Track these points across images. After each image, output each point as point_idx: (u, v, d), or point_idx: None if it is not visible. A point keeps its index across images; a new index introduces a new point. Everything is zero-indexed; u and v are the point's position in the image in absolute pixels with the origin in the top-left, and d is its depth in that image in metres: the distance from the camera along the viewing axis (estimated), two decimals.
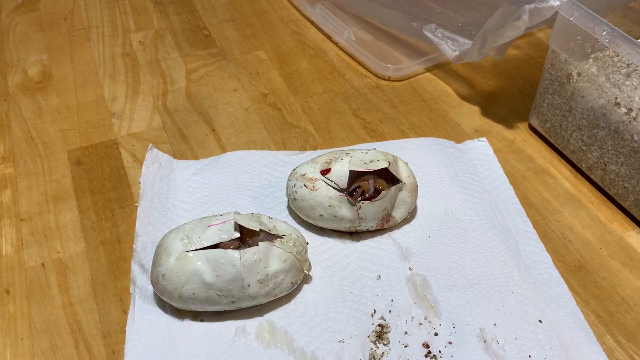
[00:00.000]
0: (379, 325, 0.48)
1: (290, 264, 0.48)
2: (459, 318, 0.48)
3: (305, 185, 0.53)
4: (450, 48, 0.72)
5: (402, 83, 0.74)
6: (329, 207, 0.52)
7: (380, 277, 0.51)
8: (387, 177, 0.53)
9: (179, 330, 0.47)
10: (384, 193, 0.52)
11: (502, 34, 0.63)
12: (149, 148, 0.62)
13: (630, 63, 0.55)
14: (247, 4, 0.88)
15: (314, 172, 0.54)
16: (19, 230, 0.55)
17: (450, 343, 0.47)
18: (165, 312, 0.48)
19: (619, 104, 0.56)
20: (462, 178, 0.60)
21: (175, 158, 0.63)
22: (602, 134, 0.58)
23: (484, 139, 0.65)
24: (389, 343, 0.47)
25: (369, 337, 0.47)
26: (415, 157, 0.62)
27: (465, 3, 0.79)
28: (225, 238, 0.47)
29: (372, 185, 0.52)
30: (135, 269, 0.51)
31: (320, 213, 0.53)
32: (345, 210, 0.52)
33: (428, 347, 0.46)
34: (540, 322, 0.48)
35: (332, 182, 0.53)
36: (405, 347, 0.46)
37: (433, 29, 0.73)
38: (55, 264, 0.53)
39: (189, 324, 0.47)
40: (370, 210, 0.52)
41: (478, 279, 0.51)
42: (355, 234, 0.55)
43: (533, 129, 0.68)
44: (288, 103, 0.71)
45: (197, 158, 0.63)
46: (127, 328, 0.47)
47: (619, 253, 0.55)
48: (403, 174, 0.54)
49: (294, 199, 0.54)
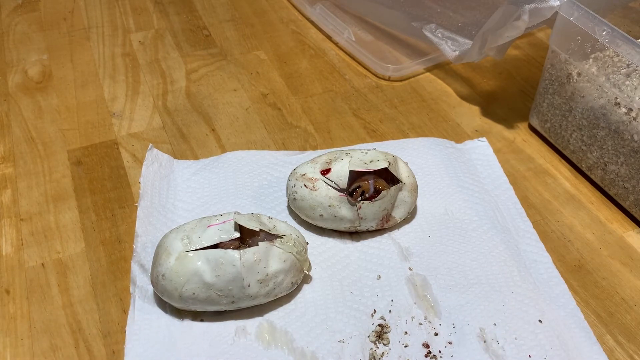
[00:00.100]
0: (379, 325, 0.48)
1: (290, 264, 0.48)
2: (459, 318, 0.48)
3: (305, 185, 0.53)
4: (450, 48, 0.72)
5: (402, 83, 0.74)
6: (329, 207, 0.52)
7: (380, 277, 0.51)
8: (387, 177, 0.53)
9: (179, 330, 0.47)
10: (384, 193, 0.52)
11: (502, 34, 0.63)
12: (149, 148, 0.62)
13: (630, 63, 0.55)
14: (247, 4, 0.88)
15: (314, 172, 0.54)
16: (19, 230, 0.55)
17: (450, 343, 0.47)
18: (165, 312, 0.48)
19: (619, 104, 0.56)
20: (462, 178, 0.60)
21: (175, 158, 0.63)
22: (602, 134, 0.58)
23: (484, 139, 0.65)
24: (389, 343, 0.47)
25: (369, 337, 0.47)
26: (415, 157, 0.62)
27: (465, 3, 0.79)
28: (225, 238, 0.47)
29: (372, 185, 0.52)
30: (135, 269, 0.51)
31: (320, 213, 0.53)
32: (345, 210, 0.52)
33: (428, 347, 0.46)
34: (540, 322, 0.48)
35: (332, 182, 0.53)
36: (405, 347, 0.46)
37: (433, 29, 0.73)
38: (55, 264, 0.53)
39: (189, 324, 0.47)
40: (370, 210, 0.52)
41: (478, 279, 0.51)
42: (355, 234, 0.55)
43: (533, 129, 0.68)
44: (288, 103, 0.71)
45: (197, 158, 0.63)
46: (127, 328, 0.47)
47: (619, 253, 0.55)
48: (403, 174, 0.54)
49: (294, 199, 0.54)
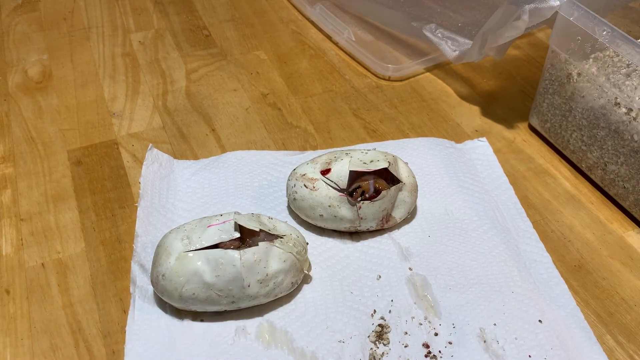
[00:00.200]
0: (379, 325, 0.48)
1: (290, 264, 0.48)
2: (459, 318, 0.48)
3: (305, 185, 0.53)
4: (450, 48, 0.72)
5: (402, 83, 0.74)
6: (329, 207, 0.52)
7: (380, 277, 0.51)
8: (387, 177, 0.53)
9: (179, 330, 0.47)
10: (384, 193, 0.52)
11: (502, 34, 0.63)
12: (149, 148, 0.62)
13: (630, 63, 0.55)
14: (247, 4, 0.88)
15: (314, 172, 0.54)
16: (19, 230, 0.55)
17: (450, 343, 0.47)
18: (165, 312, 0.48)
19: (619, 104, 0.56)
20: (462, 178, 0.60)
21: (175, 158, 0.63)
22: (602, 134, 0.58)
23: (484, 139, 0.65)
24: (389, 343, 0.47)
25: (369, 337, 0.47)
26: (415, 157, 0.62)
27: (465, 3, 0.79)
28: (225, 238, 0.47)
29: (372, 185, 0.52)
30: (135, 269, 0.51)
31: (320, 213, 0.53)
32: (345, 210, 0.52)
33: (428, 347, 0.46)
34: (540, 322, 0.48)
35: (332, 182, 0.53)
36: (405, 347, 0.46)
37: (433, 29, 0.73)
38: (55, 264, 0.53)
39: (189, 324, 0.47)
40: (370, 210, 0.52)
41: (478, 279, 0.51)
42: (355, 234, 0.55)
43: (533, 129, 0.68)
44: (288, 103, 0.71)
45: (197, 158, 0.63)
46: (127, 328, 0.47)
47: (619, 253, 0.55)
48: (403, 174, 0.54)
49: (294, 199, 0.54)
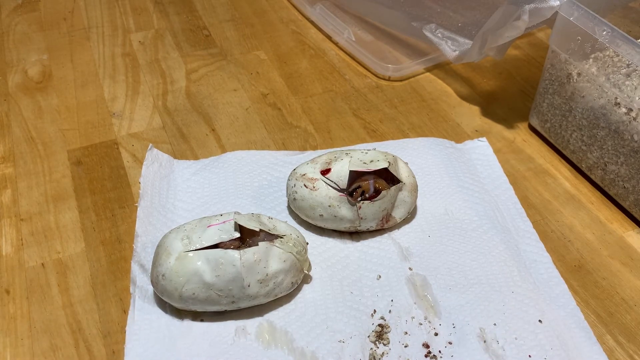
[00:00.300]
0: (379, 325, 0.48)
1: (290, 264, 0.48)
2: (459, 318, 0.48)
3: (305, 185, 0.53)
4: (450, 48, 0.72)
5: (402, 83, 0.74)
6: (329, 207, 0.52)
7: (380, 277, 0.51)
8: (387, 177, 0.53)
9: (179, 330, 0.47)
10: (384, 193, 0.52)
11: (502, 34, 0.63)
12: (149, 148, 0.62)
13: (630, 63, 0.55)
14: (247, 4, 0.88)
15: (314, 172, 0.54)
16: (19, 230, 0.55)
17: (450, 343, 0.46)
18: (165, 312, 0.48)
19: (619, 104, 0.56)
20: (462, 178, 0.60)
21: (175, 158, 0.63)
22: (602, 134, 0.58)
23: (484, 139, 0.65)
24: (389, 343, 0.47)
25: (369, 337, 0.47)
26: (415, 157, 0.62)
27: (465, 3, 0.79)
28: (225, 238, 0.47)
29: (372, 185, 0.52)
30: (135, 269, 0.51)
31: (320, 213, 0.53)
32: (345, 210, 0.52)
33: (428, 347, 0.46)
34: (540, 322, 0.48)
35: (332, 182, 0.53)
36: (405, 347, 0.46)
37: (433, 29, 0.73)
38: (55, 264, 0.53)
39: (189, 324, 0.47)
40: (370, 210, 0.52)
41: (478, 279, 0.51)
42: (355, 234, 0.55)
43: (533, 129, 0.68)
44: (288, 103, 0.71)
45: (197, 158, 0.63)
46: (127, 328, 0.47)
47: (619, 253, 0.55)
48: (403, 174, 0.54)
49: (294, 199, 0.54)
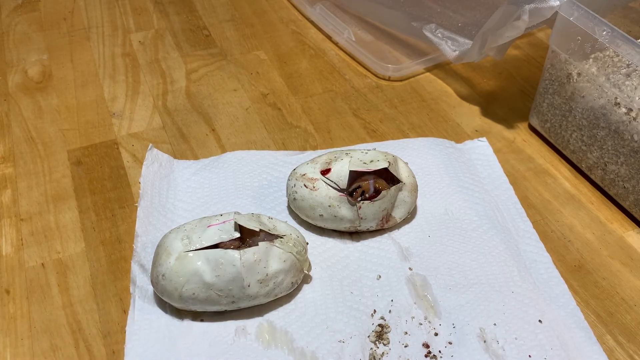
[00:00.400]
0: (379, 325, 0.48)
1: (290, 264, 0.48)
2: (459, 318, 0.48)
3: (305, 185, 0.53)
4: (450, 48, 0.72)
5: (402, 83, 0.74)
6: (329, 207, 0.52)
7: (380, 277, 0.51)
8: (387, 177, 0.53)
9: (179, 330, 0.47)
10: (384, 193, 0.52)
11: (502, 34, 0.63)
12: (149, 148, 0.62)
13: (630, 63, 0.55)
14: (247, 4, 0.88)
15: (314, 172, 0.54)
16: (19, 230, 0.55)
17: (450, 343, 0.47)
18: (165, 312, 0.48)
19: (619, 104, 0.56)
20: (462, 178, 0.60)
21: (175, 158, 0.63)
22: (602, 134, 0.58)
23: (484, 139, 0.65)
24: (389, 343, 0.47)
25: (369, 337, 0.47)
26: (415, 157, 0.62)
27: (465, 3, 0.79)
28: (225, 238, 0.47)
29: (372, 185, 0.52)
30: (135, 269, 0.51)
31: (320, 213, 0.53)
32: (345, 210, 0.52)
33: (428, 347, 0.46)
34: (540, 322, 0.48)
35: (332, 182, 0.53)
36: (405, 347, 0.46)
37: (433, 29, 0.73)
38: (55, 264, 0.53)
39: (189, 324, 0.47)
40: (370, 210, 0.52)
41: (478, 279, 0.51)
42: (355, 234, 0.55)
43: (533, 129, 0.68)
44: (288, 103, 0.71)
45: (197, 158, 0.63)
46: (127, 328, 0.47)
47: (619, 253, 0.55)
48: (403, 174, 0.54)
49: (294, 199, 0.54)
